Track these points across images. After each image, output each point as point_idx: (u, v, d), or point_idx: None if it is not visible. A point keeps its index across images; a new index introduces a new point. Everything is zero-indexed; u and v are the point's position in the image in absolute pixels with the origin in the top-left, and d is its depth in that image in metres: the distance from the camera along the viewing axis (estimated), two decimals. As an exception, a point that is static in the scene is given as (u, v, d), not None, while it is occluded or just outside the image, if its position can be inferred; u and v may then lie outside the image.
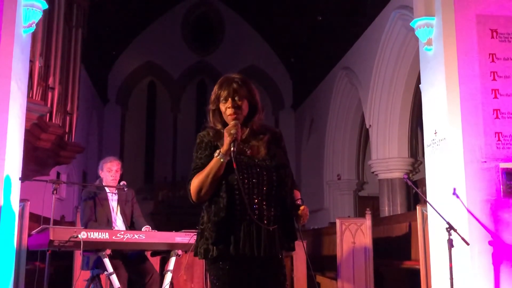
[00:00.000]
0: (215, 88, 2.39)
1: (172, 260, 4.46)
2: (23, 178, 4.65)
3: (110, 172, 4.69)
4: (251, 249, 2.24)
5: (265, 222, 2.26)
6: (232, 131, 2.22)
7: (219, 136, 2.35)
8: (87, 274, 4.53)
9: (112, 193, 4.72)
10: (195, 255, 2.36)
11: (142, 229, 4.58)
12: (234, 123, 2.27)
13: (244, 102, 2.35)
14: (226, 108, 2.34)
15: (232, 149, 2.20)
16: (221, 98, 2.35)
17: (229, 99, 2.33)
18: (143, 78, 16.36)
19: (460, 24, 5.00)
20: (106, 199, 4.68)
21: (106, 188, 4.69)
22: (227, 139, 2.22)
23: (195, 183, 2.28)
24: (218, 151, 2.25)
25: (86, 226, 4.45)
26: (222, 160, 2.22)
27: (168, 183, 15.46)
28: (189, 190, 2.30)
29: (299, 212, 2.32)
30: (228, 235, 2.25)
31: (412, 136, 10.03)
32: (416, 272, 5.58)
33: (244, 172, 2.28)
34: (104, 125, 15.23)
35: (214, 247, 2.26)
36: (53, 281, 4.74)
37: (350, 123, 12.30)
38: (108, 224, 4.56)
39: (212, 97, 2.39)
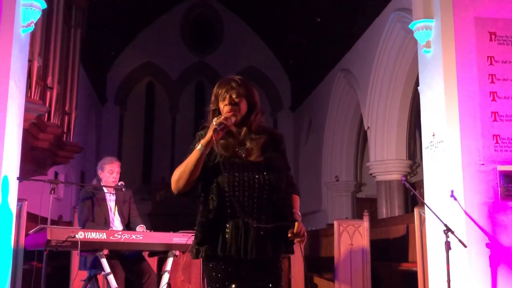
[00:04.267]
0: (215, 88, 2.41)
1: (170, 260, 4.46)
2: (21, 178, 4.64)
3: (112, 173, 4.67)
4: (237, 252, 2.24)
5: (255, 225, 2.25)
6: (215, 121, 2.24)
7: (217, 136, 2.36)
8: (85, 274, 4.53)
9: (110, 193, 4.71)
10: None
11: (137, 228, 4.58)
12: (225, 115, 2.29)
13: (242, 101, 2.36)
14: (224, 106, 2.35)
15: (213, 133, 2.21)
16: (220, 97, 2.37)
17: (227, 96, 2.35)
18: (141, 79, 16.33)
19: (459, 26, 5.01)
20: (104, 199, 4.67)
21: (104, 188, 4.68)
22: (210, 130, 2.24)
23: (175, 173, 2.31)
24: (199, 142, 2.27)
25: (84, 226, 4.45)
26: (201, 151, 2.24)
27: (166, 183, 15.38)
28: (171, 181, 2.33)
29: (293, 231, 2.25)
30: (216, 237, 2.26)
31: (410, 138, 10.03)
32: (414, 274, 5.58)
33: (235, 174, 2.28)
34: (103, 125, 15.21)
35: (203, 248, 2.28)
36: (50, 281, 4.73)
37: (348, 124, 12.30)
38: (105, 224, 4.56)
39: (212, 97, 2.41)
